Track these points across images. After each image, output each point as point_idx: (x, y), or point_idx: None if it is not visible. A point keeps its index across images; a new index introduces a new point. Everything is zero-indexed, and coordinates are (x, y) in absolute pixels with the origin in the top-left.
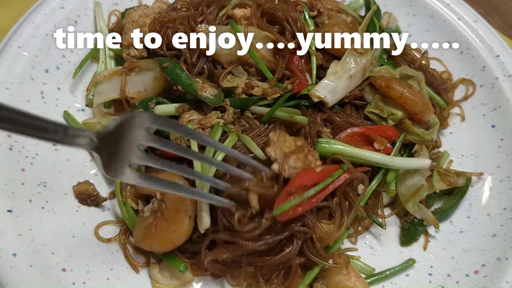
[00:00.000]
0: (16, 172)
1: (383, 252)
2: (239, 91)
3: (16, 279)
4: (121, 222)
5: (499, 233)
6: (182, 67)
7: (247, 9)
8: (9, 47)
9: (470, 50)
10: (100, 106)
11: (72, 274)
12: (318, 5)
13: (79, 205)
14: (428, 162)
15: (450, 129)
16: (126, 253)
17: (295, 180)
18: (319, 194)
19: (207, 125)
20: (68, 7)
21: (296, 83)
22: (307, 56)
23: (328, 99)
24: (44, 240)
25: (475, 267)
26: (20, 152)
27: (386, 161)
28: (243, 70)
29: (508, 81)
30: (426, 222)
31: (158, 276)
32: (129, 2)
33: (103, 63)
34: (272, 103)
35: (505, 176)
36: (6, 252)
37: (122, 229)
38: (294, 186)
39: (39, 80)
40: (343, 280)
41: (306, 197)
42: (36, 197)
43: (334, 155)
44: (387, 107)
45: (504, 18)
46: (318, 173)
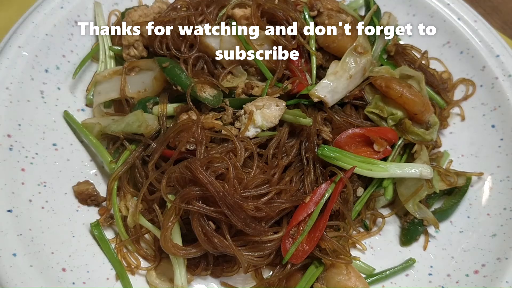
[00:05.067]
0: (16, 172)
1: (383, 252)
2: (239, 91)
3: (16, 279)
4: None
5: (499, 233)
6: (182, 67)
7: (247, 9)
8: (9, 47)
9: (470, 50)
10: (100, 106)
11: (72, 274)
12: (318, 5)
13: (79, 205)
14: (430, 171)
15: (450, 129)
16: (122, 254)
17: (292, 222)
18: (322, 219)
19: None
20: (68, 7)
21: (296, 83)
22: (307, 56)
23: (328, 99)
24: (44, 240)
25: (475, 267)
26: (20, 152)
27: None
28: (243, 70)
29: (508, 81)
30: (426, 222)
31: (156, 281)
32: (129, 2)
33: (103, 63)
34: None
35: (505, 176)
36: (6, 252)
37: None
38: (291, 228)
39: (39, 80)
40: (343, 280)
41: (307, 231)
42: (36, 197)
43: (331, 168)
44: (387, 107)
45: (504, 18)
46: (309, 202)
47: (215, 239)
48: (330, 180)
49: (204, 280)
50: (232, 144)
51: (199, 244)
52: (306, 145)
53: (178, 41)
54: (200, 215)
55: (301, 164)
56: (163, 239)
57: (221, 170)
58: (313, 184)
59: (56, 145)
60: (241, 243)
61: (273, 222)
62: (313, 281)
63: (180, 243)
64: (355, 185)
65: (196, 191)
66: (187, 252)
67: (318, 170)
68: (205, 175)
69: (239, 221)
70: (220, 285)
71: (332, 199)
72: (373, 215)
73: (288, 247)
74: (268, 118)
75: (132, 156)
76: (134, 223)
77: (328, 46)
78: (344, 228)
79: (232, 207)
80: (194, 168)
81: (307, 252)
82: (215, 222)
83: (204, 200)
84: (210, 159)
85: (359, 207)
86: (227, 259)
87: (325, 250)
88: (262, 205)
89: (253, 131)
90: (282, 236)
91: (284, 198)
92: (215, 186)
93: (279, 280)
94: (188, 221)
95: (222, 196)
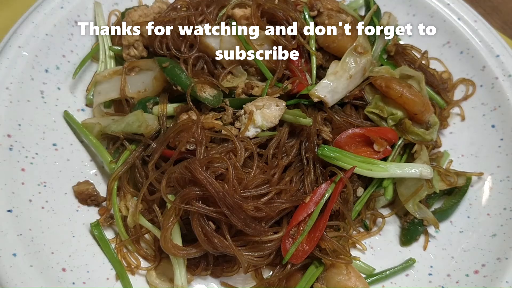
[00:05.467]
0: (16, 172)
1: (383, 252)
2: (239, 91)
3: (16, 279)
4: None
5: (499, 233)
6: (182, 67)
7: (247, 9)
8: (9, 47)
9: (470, 50)
10: (100, 106)
11: (72, 274)
12: (318, 5)
13: (79, 205)
14: (430, 171)
15: (450, 129)
16: (122, 254)
17: (292, 222)
18: (322, 219)
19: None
20: (68, 7)
21: (296, 83)
22: (307, 56)
23: (328, 99)
24: (44, 240)
25: (475, 267)
26: (20, 152)
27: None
28: (243, 70)
29: (508, 81)
30: (426, 222)
31: (156, 281)
32: (129, 2)
33: (103, 63)
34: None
35: (505, 176)
36: (6, 252)
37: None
38: (291, 228)
39: (39, 80)
40: (343, 280)
41: (307, 231)
42: (36, 197)
43: (331, 168)
44: (387, 107)
45: (504, 18)
46: (309, 202)
47: (215, 239)
48: (330, 180)
49: (204, 280)
50: (232, 144)
51: (199, 244)
52: (306, 145)
53: (178, 41)
54: (200, 215)
55: (301, 164)
56: (163, 240)
57: (221, 170)
58: (313, 184)
59: (56, 145)
60: (241, 243)
61: (273, 222)
62: (313, 281)
63: (180, 243)
64: (355, 185)
65: (196, 192)
66: (187, 253)
67: (318, 170)
68: (205, 175)
69: (239, 221)
70: (220, 285)
71: (332, 199)
72: (373, 215)
73: (288, 247)
74: (268, 118)
75: (132, 156)
76: (134, 223)
77: (328, 46)
78: (344, 228)
79: (232, 207)
80: (193, 169)
81: (307, 252)
82: (215, 222)
83: (204, 200)
84: (209, 159)
85: (359, 207)
86: (227, 259)
87: (325, 250)
88: (262, 205)
89: (253, 131)
90: (282, 236)
91: (284, 198)
92: (215, 186)
93: (279, 280)
94: (188, 221)
95: (221, 196)
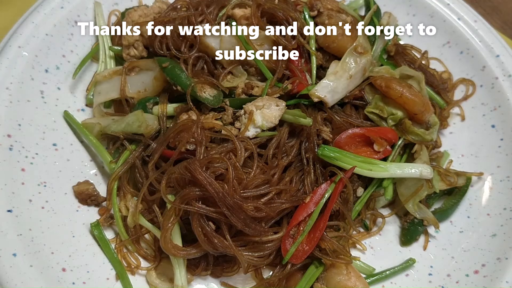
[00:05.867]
0: (16, 172)
1: (383, 252)
2: (239, 91)
3: (16, 279)
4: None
5: (499, 233)
6: (182, 67)
7: (247, 9)
8: (9, 47)
9: (470, 50)
10: (100, 106)
11: (72, 274)
12: (318, 5)
13: (79, 205)
14: (430, 171)
15: (450, 129)
16: (122, 254)
17: (292, 222)
18: (322, 219)
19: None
20: (68, 7)
21: (296, 83)
22: (307, 56)
23: (328, 99)
24: (44, 240)
25: (475, 267)
26: (20, 152)
27: (386, 175)
28: (243, 70)
29: (508, 81)
30: (426, 222)
31: (156, 281)
32: (129, 2)
33: (103, 63)
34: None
35: (505, 176)
36: (6, 252)
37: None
38: (291, 228)
39: (39, 80)
40: (343, 280)
41: (307, 231)
42: (36, 197)
43: (331, 168)
44: (387, 107)
45: (504, 18)
46: (309, 202)
47: (215, 240)
48: (330, 180)
49: (204, 280)
50: (232, 144)
51: (199, 244)
52: (306, 145)
53: (178, 41)
54: (200, 216)
55: (301, 164)
56: (163, 240)
57: (220, 171)
58: (313, 184)
59: (56, 145)
60: (241, 243)
61: (273, 222)
62: (313, 281)
63: (180, 243)
64: (355, 185)
65: (196, 192)
66: (187, 253)
67: (318, 170)
68: (204, 175)
69: (239, 222)
70: (220, 285)
71: (332, 199)
72: (373, 215)
73: (288, 247)
74: (268, 118)
75: (132, 156)
76: (134, 223)
77: (328, 46)
78: (344, 228)
79: (232, 207)
80: (193, 169)
81: (307, 252)
82: (215, 223)
83: (204, 201)
84: (209, 159)
85: (359, 207)
86: (227, 259)
87: (325, 250)
88: (262, 205)
89: (253, 131)
90: (282, 236)
91: (284, 198)
92: (215, 186)
93: (279, 280)
94: (188, 221)
95: (221, 196)
